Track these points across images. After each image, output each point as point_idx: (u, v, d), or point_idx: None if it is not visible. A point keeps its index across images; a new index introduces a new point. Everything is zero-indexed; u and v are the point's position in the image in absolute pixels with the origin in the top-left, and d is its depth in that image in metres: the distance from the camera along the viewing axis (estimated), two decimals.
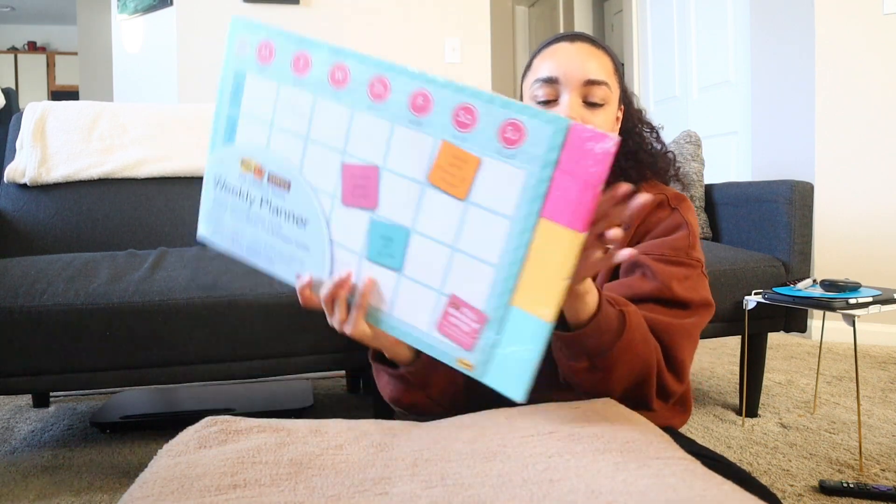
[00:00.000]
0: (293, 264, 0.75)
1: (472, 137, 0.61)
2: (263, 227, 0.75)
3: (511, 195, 0.60)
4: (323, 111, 0.68)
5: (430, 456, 0.65)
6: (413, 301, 0.67)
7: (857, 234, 2.54)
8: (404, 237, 0.66)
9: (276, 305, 1.31)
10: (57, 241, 1.75)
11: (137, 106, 1.98)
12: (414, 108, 0.64)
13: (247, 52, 0.73)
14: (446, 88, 0.62)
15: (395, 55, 3.20)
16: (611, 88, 0.91)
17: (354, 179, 0.67)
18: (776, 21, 2.82)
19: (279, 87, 0.71)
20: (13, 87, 7.41)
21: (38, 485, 1.37)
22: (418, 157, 0.63)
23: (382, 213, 0.66)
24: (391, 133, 0.65)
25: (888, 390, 1.91)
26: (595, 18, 5.09)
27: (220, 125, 0.76)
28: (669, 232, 0.95)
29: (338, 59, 0.67)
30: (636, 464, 0.59)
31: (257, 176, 0.74)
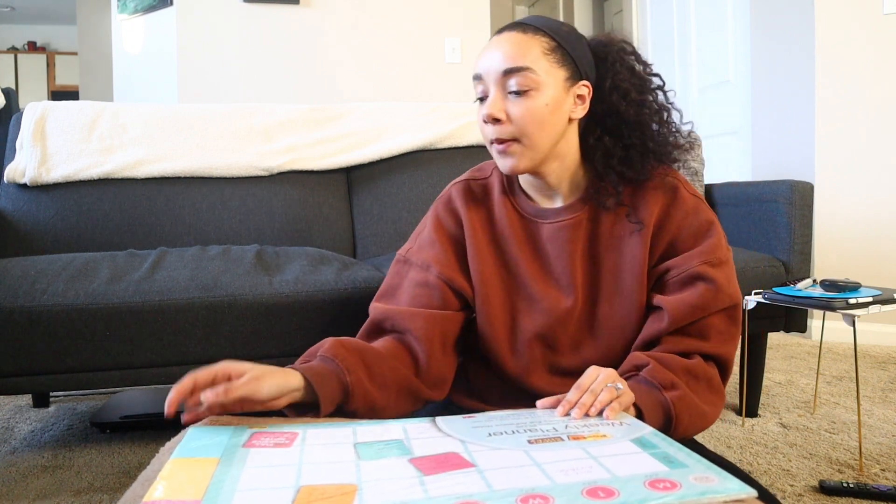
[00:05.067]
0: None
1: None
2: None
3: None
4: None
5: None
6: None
7: (857, 234, 2.54)
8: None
9: (276, 305, 1.31)
10: (57, 241, 1.75)
11: (137, 106, 1.98)
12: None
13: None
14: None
15: (395, 55, 3.20)
16: (537, 71, 0.87)
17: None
18: (776, 21, 2.82)
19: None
20: (13, 87, 7.40)
21: (38, 485, 1.37)
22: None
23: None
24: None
25: (888, 390, 1.91)
26: (595, 18, 5.09)
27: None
28: (708, 228, 0.91)
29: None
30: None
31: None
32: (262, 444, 0.67)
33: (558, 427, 0.70)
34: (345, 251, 1.92)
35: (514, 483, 0.56)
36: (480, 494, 0.54)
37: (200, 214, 1.83)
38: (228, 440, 0.68)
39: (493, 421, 0.74)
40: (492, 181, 1.03)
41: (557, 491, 0.54)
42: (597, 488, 0.55)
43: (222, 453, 0.65)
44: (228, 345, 1.31)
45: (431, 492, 0.55)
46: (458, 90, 3.24)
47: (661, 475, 0.57)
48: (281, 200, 1.90)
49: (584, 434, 0.67)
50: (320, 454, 0.65)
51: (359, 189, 2.03)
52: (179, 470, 0.61)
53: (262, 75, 3.08)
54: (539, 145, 0.89)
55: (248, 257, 1.43)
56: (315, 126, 2.06)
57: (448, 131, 2.09)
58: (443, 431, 0.71)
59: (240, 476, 0.59)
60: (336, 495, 0.55)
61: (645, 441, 0.65)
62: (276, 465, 0.62)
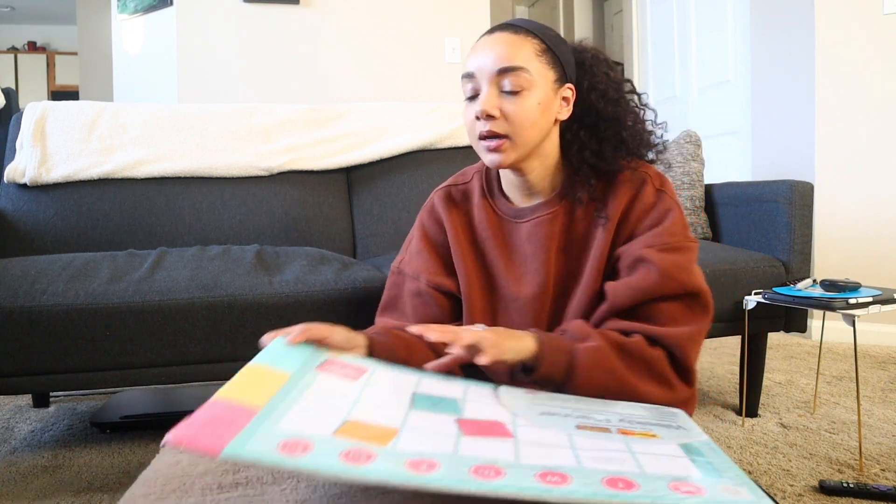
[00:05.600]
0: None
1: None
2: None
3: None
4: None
5: None
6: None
7: (857, 234, 2.54)
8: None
9: (276, 305, 1.31)
10: (57, 241, 1.75)
11: (137, 106, 1.98)
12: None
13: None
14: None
15: (395, 55, 3.20)
16: (531, 72, 0.90)
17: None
18: (776, 21, 2.82)
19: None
20: (13, 87, 7.40)
21: (38, 485, 1.37)
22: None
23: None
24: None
25: (888, 390, 1.91)
26: (595, 18, 5.09)
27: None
28: (662, 217, 0.93)
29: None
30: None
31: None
32: (331, 371, 0.71)
33: (612, 419, 0.70)
34: (345, 251, 1.92)
35: (541, 460, 0.56)
36: (504, 461, 0.55)
37: (200, 214, 1.84)
38: (305, 360, 0.72)
39: (554, 402, 0.74)
40: (472, 186, 1.07)
41: (578, 473, 0.54)
42: (619, 479, 0.54)
43: (295, 370, 0.68)
44: (228, 345, 1.31)
45: (460, 450, 0.56)
46: (458, 90, 3.20)
47: (690, 479, 0.56)
48: (281, 200, 1.90)
49: (635, 430, 0.67)
50: (378, 396, 0.67)
51: (359, 189, 2.03)
52: (251, 376, 0.66)
53: (262, 75, 3.08)
54: (527, 143, 0.92)
55: (248, 257, 1.43)
56: (315, 126, 2.06)
57: (448, 131, 2.09)
58: (500, 401, 0.71)
59: (300, 397, 0.62)
60: (373, 435, 0.58)
61: (692, 448, 0.64)
62: (336, 394, 0.65)
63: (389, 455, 0.54)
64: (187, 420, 0.58)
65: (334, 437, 0.56)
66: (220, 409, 0.59)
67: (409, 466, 0.52)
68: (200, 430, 0.55)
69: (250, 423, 0.56)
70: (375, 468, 0.51)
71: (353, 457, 0.53)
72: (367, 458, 0.53)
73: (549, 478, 0.53)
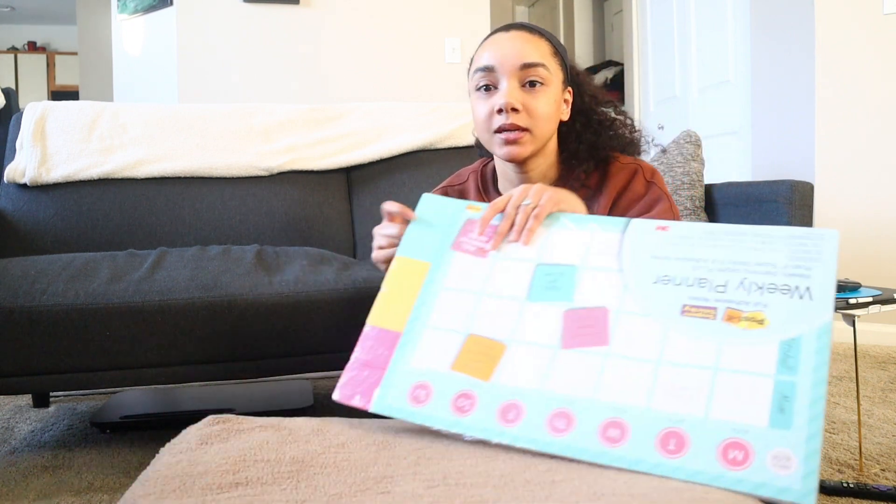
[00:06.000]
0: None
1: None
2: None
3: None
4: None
5: (431, 454, 0.64)
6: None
7: (857, 234, 2.54)
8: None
9: (276, 305, 1.31)
10: (57, 241, 1.75)
11: (137, 106, 1.98)
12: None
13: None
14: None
15: (395, 55, 3.20)
16: (549, 69, 0.94)
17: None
18: (776, 21, 2.82)
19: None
20: (13, 87, 7.40)
21: (38, 485, 1.37)
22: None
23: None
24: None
25: (888, 390, 1.91)
26: (595, 18, 5.09)
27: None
28: (651, 206, 0.96)
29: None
30: None
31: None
32: (465, 249, 0.80)
33: (731, 282, 0.67)
34: (345, 251, 1.92)
35: (615, 395, 0.63)
36: (581, 402, 0.64)
37: (200, 214, 1.83)
38: (442, 235, 0.82)
39: (680, 248, 0.71)
40: (468, 186, 1.10)
41: (639, 424, 0.61)
42: (673, 434, 0.59)
43: (433, 258, 0.80)
44: (228, 345, 1.31)
45: (549, 381, 0.66)
46: (458, 90, 3.23)
47: (749, 434, 0.56)
48: (281, 200, 1.90)
49: (743, 312, 0.64)
50: (504, 277, 0.76)
51: (359, 189, 2.03)
52: (400, 271, 0.81)
53: (262, 75, 3.08)
54: (543, 137, 0.96)
55: (248, 257, 1.43)
56: (315, 126, 2.06)
57: (448, 131, 2.09)
58: (619, 259, 0.73)
59: (436, 300, 0.76)
60: (486, 356, 0.70)
61: (792, 351, 0.61)
62: (466, 288, 0.76)
63: (487, 399, 0.67)
64: (347, 367, 0.76)
65: (452, 372, 0.70)
66: (371, 344, 0.77)
67: (499, 417, 0.66)
68: (355, 386, 0.74)
69: (391, 360, 0.74)
70: (473, 422, 0.66)
71: (459, 405, 0.67)
72: (470, 405, 0.67)
73: (611, 432, 0.61)
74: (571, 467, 0.60)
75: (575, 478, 0.58)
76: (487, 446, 0.65)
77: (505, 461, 0.62)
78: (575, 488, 0.56)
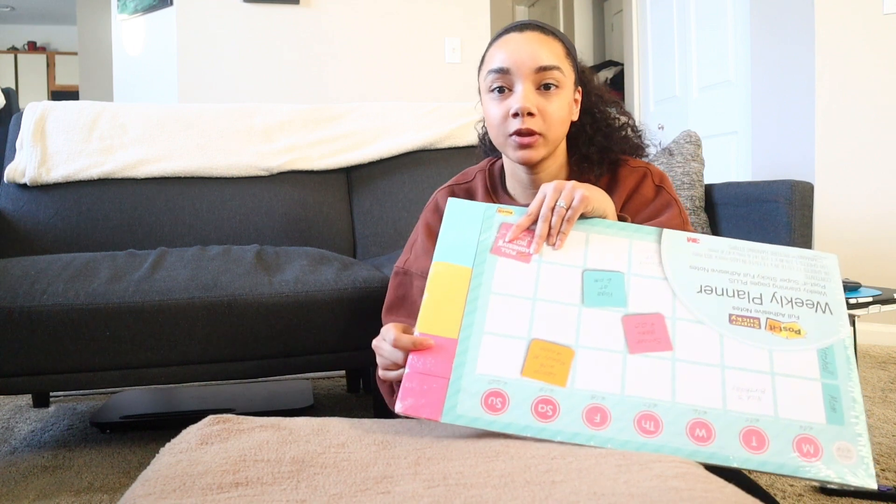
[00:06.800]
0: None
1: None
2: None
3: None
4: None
5: (432, 454, 0.64)
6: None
7: (857, 234, 2.54)
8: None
9: (276, 305, 1.31)
10: (57, 241, 1.75)
11: (137, 106, 1.98)
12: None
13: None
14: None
15: (395, 55, 3.20)
16: (563, 72, 0.94)
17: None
18: (776, 21, 2.82)
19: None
20: (13, 87, 7.40)
21: (38, 485, 1.37)
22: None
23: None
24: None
25: (888, 390, 1.91)
26: (595, 18, 5.09)
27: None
28: (660, 211, 0.96)
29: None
30: (638, 466, 0.59)
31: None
32: (506, 253, 0.79)
33: (765, 295, 0.74)
34: (345, 251, 1.92)
35: (694, 398, 0.67)
36: (663, 406, 0.66)
37: (200, 214, 1.83)
38: (478, 239, 0.81)
39: (712, 260, 0.77)
40: (475, 184, 1.09)
41: (722, 423, 0.65)
42: (754, 432, 0.64)
43: (474, 259, 0.79)
44: (228, 345, 1.31)
45: (627, 387, 0.68)
46: (458, 90, 3.24)
47: (814, 431, 0.64)
48: (281, 200, 1.90)
49: (782, 322, 0.72)
50: (553, 284, 0.76)
51: (359, 189, 2.03)
52: (441, 276, 0.78)
53: (262, 75, 3.08)
54: (555, 141, 0.96)
55: (248, 257, 1.43)
56: (315, 126, 2.06)
57: (448, 131, 2.09)
58: (662, 267, 0.77)
59: (487, 306, 0.75)
60: (556, 362, 0.70)
61: (829, 359, 0.69)
62: (516, 293, 0.75)
63: (569, 403, 0.67)
64: (406, 378, 0.72)
65: (523, 378, 0.69)
66: (426, 358, 0.73)
67: (586, 420, 0.66)
68: (419, 396, 0.70)
69: (454, 368, 0.71)
70: (560, 427, 0.66)
71: (541, 411, 0.67)
72: (553, 410, 0.67)
73: (698, 431, 0.64)
74: (571, 467, 0.60)
75: (575, 478, 0.58)
76: (488, 446, 0.65)
77: (505, 461, 0.62)
78: (575, 488, 0.56)
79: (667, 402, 0.66)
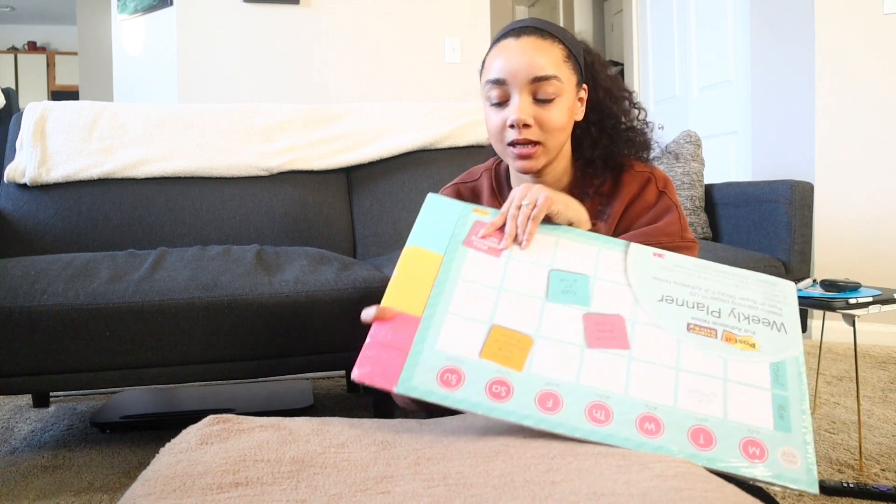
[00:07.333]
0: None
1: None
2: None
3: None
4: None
5: (431, 455, 0.64)
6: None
7: (857, 234, 2.54)
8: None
9: (276, 305, 1.31)
10: (57, 241, 1.75)
11: (137, 106, 1.98)
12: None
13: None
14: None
15: (395, 55, 3.20)
16: (561, 79, 0.92)
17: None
18: (776, 21, 2.82)
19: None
20: (13, 87, 7.40)
21: (38, 485, 1.37)
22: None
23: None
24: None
25: (888, 390, 1.91)
26: (595, 18, 5.09)
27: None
28: (659, 216, 0.96)
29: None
30: (638, 466, 0.59)
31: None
32: (477, 247, 0.81)
33: (723, 310, 0.77)
34: (345, 251, 1.92)
35: (646, 393, 0.69)
36: (615, 398, 0.68)
37: (200, 214, 1.83)
38: (453, 230, 0.83)
39: (676, 275, 0.81)
40: (481, 184, 1.09)
41: (671, 419, 0.67)
42: (702, 431, 0.66)
43: (446, 248, 0.81)
44: (228, 345, 1.31)
45: (581, 376, 0.70)
46: (458, 90, 3.24)
47: (760, 435, 0.66)
48: (281, 200, 1.90)
49: (737, 335, 0.75)
50: (520, 277, 0.78)
51: (359, 189, 2.03)
52: (412, 260, 0.80)
53: (262, 75, 3.08)
54: (556, 148, 0.95)
55: (248, 257, 1.43)
56: (315, 126, 2.06)
57: (448, 131, 2.09)
58: (626, 273, 0.80)
59: (454, 289, 0.76)
60: (515, 347, 0.72)
61: (780, 371, 0.72)
62: (483, 282, 0.77)
63: (523, 387, 0.69)
64: (365, 347, 0.73)
65: (481, 360, 0.70)
66: (389, 325, 0.74)
67: (538, 404, 0.67)
68: (376, 365, 0.71)
69: (413, 342, 0.72)
70: (512, 408, 0.67)
71: (495, 392, 0.68)
72: (507, 392, 0.68)
73: (647, 425, 0.66)
74: (571, 467, 0.60)
75: (575, 478, 0.58)
76: (487, 446, 0.65)
77: (505, 461, 0.62)
78: (575, 488, 0.56)
79: (619, 394, 0.68)
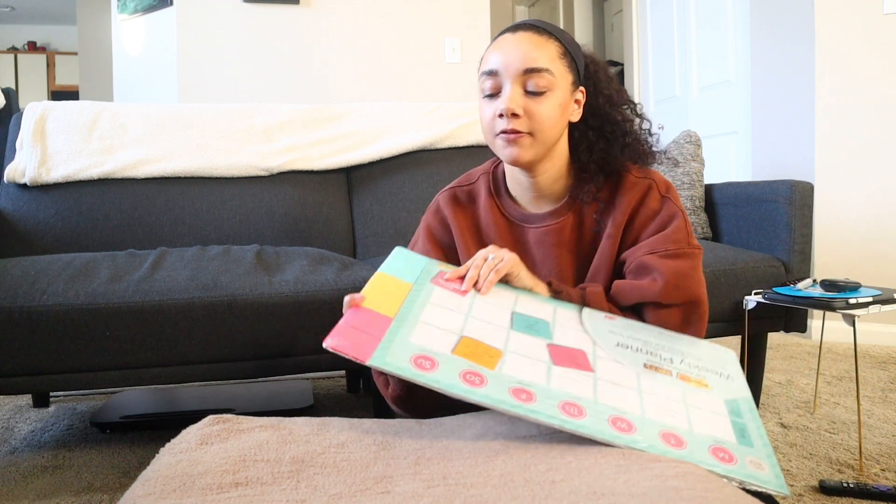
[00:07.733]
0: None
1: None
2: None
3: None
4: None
5: (431, 455, 0.64)
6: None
7: (857, 234, 2.54)
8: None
9: (276, 305, 1.31)
10: (57, 241, 1.75)
11: (137, 106, 1.98)
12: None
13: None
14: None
15: (395, 55, 3.20)
16: (554, 73, 0.92)
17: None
18: (776, 21, 2.82)
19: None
20: (13, 87, 7.40)
21: (38, 485, 1.37)
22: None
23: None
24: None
25: (888, 390, 1.91)
26: (595, 18, 5.09)
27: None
28: (666, 223, 0.96)
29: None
30: (638, 465, 0.59)
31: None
32: (445, 286, 0.84)
33: (675, 359, 0.81)
34: (345, 251, 1.92)
35: (614, 401, 0.69)
36: (585, 401, 0.68)
37: (200, 214, 1.83)
38: (422, 270, 0.86)
39: (627, 331, 0.85)
40: (478, 186, 1.08)
41: (642, 423, 0.67)
42: (672, 434, 0.67)
43: (415, 281, 0.83)
44: (228, 345, 1.31)
45: (552, 382, 0.70)
46: (458, 90, 3.24)
47: (726, 445, 0.68)
48: (281, 200, 1.90)
49: (691, 376, 0.78)
50: (484, 311, 0.80)
51: (359, 189, 2.03)
52: (381, 283, 0.81)
53: (262, 75, 3.08)
54: (546, 142, 0.94)
55: (248, 257, 1.43)
56: (315, 126, 2.06)
57: (448, 131, 2.09)
58: (583, 326, 0.84)
59: (423, 308, 0.77)
60: (485, 354, 0.72)
61: (735, 406, 0.75)
62: (450, 308, 0.79)
63: (497, 380, 0.68)
64: (339, 326, 0.72)
65: (453, 355, 0.71)
66: (363, 316, 0.74)
67: (512, 394, 0.67)
68: (349, 340, 0.71)
69: (387, 332, 0.72)
70: (487, 393, 0.66)
71: (469, 379, 0.68)
72: (480, 381, 0.68)
73: (619, 423, 0.66)
74: (571, 467, 0.60)
75: (575, 477, 0.58)
76: (487, 446, 0.65)
77: (505, 461, 0.62)
78: (575, 488, 0.56)
79: (589, 399, 0.69)
